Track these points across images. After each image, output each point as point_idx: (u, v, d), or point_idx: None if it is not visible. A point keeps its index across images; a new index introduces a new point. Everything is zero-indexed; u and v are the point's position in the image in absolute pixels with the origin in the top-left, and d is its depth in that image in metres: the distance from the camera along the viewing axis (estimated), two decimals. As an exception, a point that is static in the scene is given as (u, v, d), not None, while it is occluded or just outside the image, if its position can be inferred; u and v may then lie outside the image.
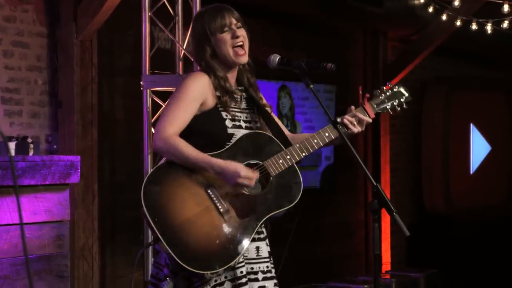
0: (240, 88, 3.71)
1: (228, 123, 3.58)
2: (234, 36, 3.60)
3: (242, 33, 3.63)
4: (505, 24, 7.32)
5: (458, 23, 7.50)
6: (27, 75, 5.59)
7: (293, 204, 3.60)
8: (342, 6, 7.48)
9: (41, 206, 4.23)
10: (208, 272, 3.43)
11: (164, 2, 5.65)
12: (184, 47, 5.63)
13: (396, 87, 3.83)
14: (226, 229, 3.49)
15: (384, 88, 3.81)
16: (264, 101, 3.80)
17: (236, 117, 3.62)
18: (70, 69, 5.66)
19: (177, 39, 5.67)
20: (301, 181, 3.62)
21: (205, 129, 3.57)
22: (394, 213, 3.22)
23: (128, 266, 6.14)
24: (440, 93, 9.76)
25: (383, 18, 8.09)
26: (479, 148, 10.16)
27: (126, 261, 6.12)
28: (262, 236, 3.65)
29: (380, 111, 3.78)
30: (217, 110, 3.59)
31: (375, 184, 3.26)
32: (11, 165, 2.92)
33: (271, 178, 3.57)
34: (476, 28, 7.51)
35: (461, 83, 10.10)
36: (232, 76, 3.68)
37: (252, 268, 3.60)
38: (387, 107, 3.80)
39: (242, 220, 3.51)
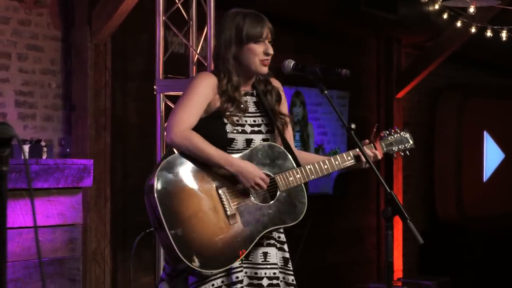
0: (250, 92, 3.70)
1: (229, 128, 3.58)
2: (266, 53, 3.60)
3: (272, 51, 3.63)
4: (520, 32, 7.30)
5: (473, 30, 7.47)
6: (41, 78, 5.60)
7: (295, 223, 3.63)
8: (356, 13, 7.47)
9: (54, 209, 4.24)
10: (202, 270, 3.43)
11: (178, 6, 5.65)
12: (198, 52, 5.63)
13: (403, 133, 3.97)
14: (229, 233, 3.50)
15: (393, 131, 3.94)
16: (284, 110, 3.78)
17: (239, 122, 3.61)
18: (83, 72, 5.67)
19: (191, 44, 5.67)
20: (306, 202, 3.65)
21: (205, 132, 3.57)
22: (408, 221, 3.21)
23: (140, 270, 6.13)
24: (453, 100, 9.73)
25: (397, 25, 8.07)
26: (492, 155, 10.12)
27: (138, 265, 6.11)
28: (271, 242, 3.64)
29: (387, 152, 3.91)
30: (218, 114, 3.59)
31: (389, 191, 3.25)
32: (26, 168, 2.92)
33: (279, 192, 3.59)
34: (491, 35, 7.48)
35: (474, 90, 10.07)
36: (247, 82, 3.68)
37: (256, 273, 3.59)
38: (394, 149, 3.93)
39: (245, 228, 3.53)
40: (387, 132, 3.92)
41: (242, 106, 3.62)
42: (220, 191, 3.52)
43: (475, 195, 9.81)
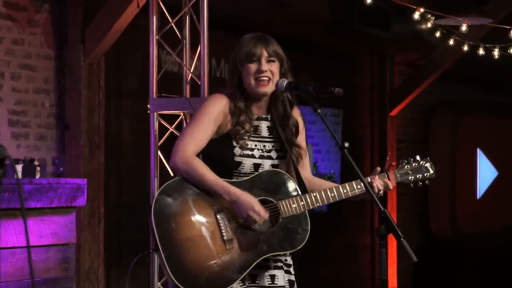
0: (264, 116, 3.69)
1: (237, 151, 3.57)
2: (259, 70, 3.58)
3: (270, 67, 3.59)
4: (513, 49, 7.33)
5: (465, 48, 7.51)
6: (34, 97, 5.59)
7: (295, 250, 3.60)
8: (350, 31, 7.49)
9: (48, 229, 4.23)
10: None
11: (171, 25, 5.66)
12: (191, 71, 5.64)
13: (423, 162, 3.83)
14: (225, 257, 3.49)
15: (412, 159, 3.81)
16: (302, 140, 3.75)
17: (248, 146, 3.60)
18: (77, 91, 5.67)
19: (184, 63, 5.68)
20: (309, 229, 3.60)
21: (214, 154, 3.59)
22: (402, 239, 3.20)
23: (133, 289, 6.11)
24: (446, 118, 9.76)
25: (390, 43, 8.10)
26: (486, 173, 10.13)
27: (132, 284, 6.09)
28: (279, 264, 3.64)
29: (401, 182, 3.78)
30: (228, 137, 3.59)
31: (382, 209, 3.24)
32: (18, 187, 2.92)
33: (280, 219, 3.57)
34: (483, 53, 7.51)
35: (467, 107, 10.10)
36: (258, 105, 3.66)
37: None
38: (410, 178, 3.79)
39: (242, 253, 3.51)
40: (405, 160, 3.81)
41: (250, 129, 3.61)
42: (218, 216, 3.51)
43: (469, 212, 9.82)
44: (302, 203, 3.58)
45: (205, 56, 5.44)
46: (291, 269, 3.71)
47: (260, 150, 3.63)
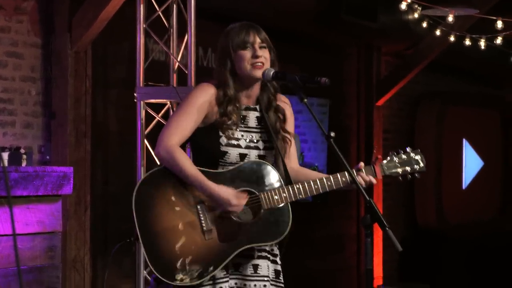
0: (252, 107, 3.70)
1: (223, 140, 3.58)
2: (254, 56, 3.60)
3: (263, 54, 3.62)
4: (499, 40, 7.35)
5: (452, 38, 7.53)
6: (21, 85, 5.58)
7: (275, 242, 3.61)
8: (337, 21, 7.50)
9: (33, 217, 4.22)
10: (173, 282, 3.46)
11: (159, 14, 5.66)
12: (179, 59, 5.64)
13: (413, 154, 3.77)
14: (203, 248, 3.51)
15: (402, 151, 3.76)
16: (289, 127, 3.75)
17: (234, 136, 3.61)
18: (64, 80, 5.66)
19: (171, 51, 5.67)
20: (290, 220, 3.59)
21: (200, 144, 3.61)
22: (387, 228, 3.21)
23: (120, 277, 6.12)
24: (433, 108, 9.79)
25: (377, 33, 8.11)
26: (471, 163, 10.18)
27: (118, 273, 6.10)
28: (263, 254, 3.65)
29: (389, 175, 3.73)
30: (215, 126, 3.60)
31: (368, 198, 3.25)
32: (5, 176, 2.92)
33: (262, 210, 3.57)
34: (470, 43, 7.54)
35: (454, 98, 10.13)
36: (248, 95, 3.68)
37: (244, 285, 3.61)
38: (399, 171, 3.74)
39: (221, 244, 3.52)
40: (395, 152, 3.76)
41: (237, 119, 3.62)
42: (198, 206, 3.53)
43: (455, 202, 9.86)
44: (285, 194, 3.58)
45: (192, 45, 5.44)
46: (278, 259, 3.72)
47: (246, 141, 3.63)
